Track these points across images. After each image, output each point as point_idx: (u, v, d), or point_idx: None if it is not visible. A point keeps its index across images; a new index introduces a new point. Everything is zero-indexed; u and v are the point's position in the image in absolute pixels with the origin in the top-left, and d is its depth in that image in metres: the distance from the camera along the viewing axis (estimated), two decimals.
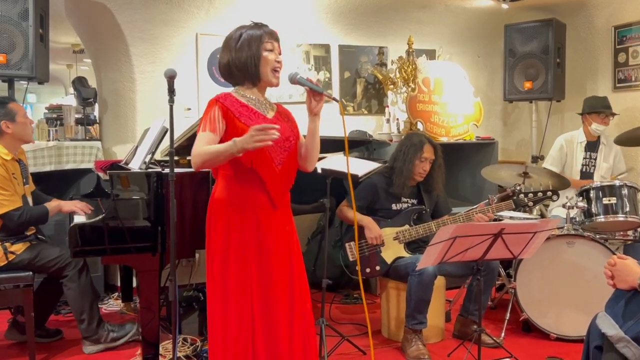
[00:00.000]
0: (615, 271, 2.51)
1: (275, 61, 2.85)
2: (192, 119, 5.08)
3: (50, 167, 5.08)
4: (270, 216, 2.84)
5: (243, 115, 2.79)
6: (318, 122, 2.90)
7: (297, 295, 2.91)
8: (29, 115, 4.21)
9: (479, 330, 3.62)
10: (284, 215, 2.91)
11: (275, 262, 2.84)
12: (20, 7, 4.41)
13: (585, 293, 4.10)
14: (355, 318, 4.74)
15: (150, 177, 3.50)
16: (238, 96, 2.86)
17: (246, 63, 2.82)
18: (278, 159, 2.82)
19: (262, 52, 2.81)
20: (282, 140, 2.81)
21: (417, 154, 4.23)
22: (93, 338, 4.03)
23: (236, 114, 2.78)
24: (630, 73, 5.86)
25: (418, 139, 4.31)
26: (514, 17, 6.38)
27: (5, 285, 3.78)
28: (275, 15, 5.71)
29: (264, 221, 2.82)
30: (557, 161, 5.28)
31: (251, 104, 2.85)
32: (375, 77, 6.30)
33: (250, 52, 2.81)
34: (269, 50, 2.83)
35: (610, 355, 2.34)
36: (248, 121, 2.77)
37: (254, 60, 2.81)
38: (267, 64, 2.83)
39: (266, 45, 2.82)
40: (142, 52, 5.47)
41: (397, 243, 4.19)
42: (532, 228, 3.42)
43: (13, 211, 3.81)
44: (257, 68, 2.83)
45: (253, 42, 2.81)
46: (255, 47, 2.81)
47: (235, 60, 2.84)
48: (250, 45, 2.81)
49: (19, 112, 4.03)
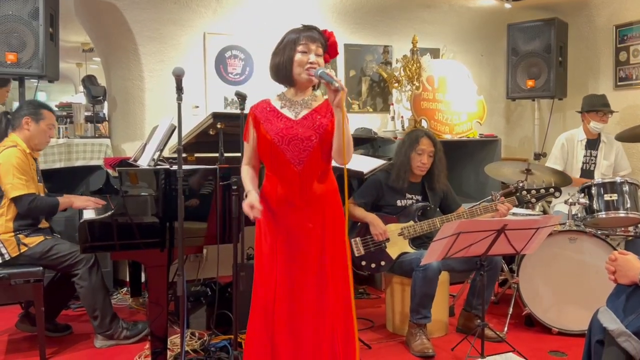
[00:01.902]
0: (616, 266, 2.52)
1: (308, 62, 2.83)
2: (199, 116, 5.07)
3: (60, 164, 5.12)
4: (298, 215, 2.90)
5: (266, 120, 2.89)
6: (340, 115, 2.77)
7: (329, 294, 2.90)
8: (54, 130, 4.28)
9: (483, 324, 3.68)
10: (312, 213, 2.92)
11: (300, 261, 2.89)
12: (31, 6, 4.44)
13: (586, 288, 4.12)
14: (361, 312, 4.74)
15: (159, 174, 3.52)
16: (276, 99, 2.95)
17: (279, 66, 2.89)
18: (297, 159, 2.85)
19: (294, 54, 2.84)
20: (302, 141, 2.85)
21: (414, 146, 4.25)
22: (106, 333, 4.05)
23: (261, 120, 2.90)
24: (631, 71, 5.88)
25: (415, 133, 4.34)
26: (516, 17, 6.40)
27: (16, 280, 3.80)
28: (282, 14, 5.77)
29: (291, 220, 2.90)
30: (560, 159, 5.30)
31: (283, 106, 2.92)
32: (380, 75, 6.34)
33: (284, 57, 2.86)
34: (302, 52, 2.83)
35: (611, 349, 2.36)
36: (267, 125, 2.89)
37: (285, 64, 2.86)
38: (298, 65, 2.84)
39: (299, 48, 2.83)
40: (151, 51, 5.51)
41: (402, 239, 4.22)
42: (534, 224, 3.47)
43: (27, 195, 3.87)
44: (288, 71, 2.87)
45: (288, 45, 2.86)
46: (288, 50, 2.85)
47: (273, 64, 2.93)
48: (285, 49, 2.87)
49: (47, 120, 4.11)
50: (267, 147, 2.88)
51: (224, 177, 3.61)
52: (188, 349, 3.93)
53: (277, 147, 2.85)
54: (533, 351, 3.93)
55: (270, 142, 2.86)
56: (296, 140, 2.85)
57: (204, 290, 4.66)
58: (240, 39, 5.78)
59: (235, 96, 3.50)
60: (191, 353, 3.90)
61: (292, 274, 2.89)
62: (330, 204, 2.97)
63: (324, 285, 2.90)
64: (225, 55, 5.72)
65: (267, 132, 2.87)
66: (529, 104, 6.83)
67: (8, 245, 3.88)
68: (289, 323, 2.89)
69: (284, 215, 2.91)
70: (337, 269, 2.94)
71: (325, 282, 2.90)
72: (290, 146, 2.85)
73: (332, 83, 2.72)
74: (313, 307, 2.90)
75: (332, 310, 2.90)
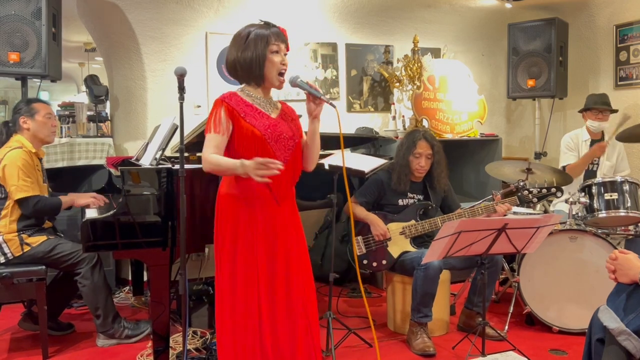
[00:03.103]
0: (616, 265, 2.52)
1: (281, 64, 2.84)
2: (201, 116, 5.14)
3: (62, 164, 5.14)
4: (275, 211, 2.86)
5: (248, 114, 2.81)
6: (318, 124, 2.92)
7: (299, 289, 2.92)
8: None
9: (483, 323, 3.70)
10: (287, 210, 2.93)
11: (279, 256, 2.87)
12: (34, 6, 4.45)
13: (587, 287, 4.13)
14: (362, 311, 4.79)
15: (161, 173, 3.52)
16: (243, 95, 2.88)
17: (251, 63, 2.82)
18: (282, 157, 2.83)
19: (267, 53, 2.81)
20: (287, 139, 2.87)
21: (411, 149, 4.28)
22: (108, 332, 4.07)
23: (241, 114, 2.80)
24: (632, 71, 5.90)
25: (413, 135, 4.34)
26: (517, 16, 6.41)
27: (19, 279, 3.82)
28: (284, 14, 5.76)
29: (269, 216, 2.85)
30: (574, 151, 5.23)
31: (256, 104, 2.87)
32: (382, 75, 6.36)
33: (256, 53, 2.80)
34: (275, 52, 2.82)
35: (611, 347, 2.38)
36: (253, 120, 2.80)
37: (259, 61, 2.81)
38: (272, 66, 2.82)
39: (272, 47, 2.81)
40: (153, 51, 5.53)
41: (404, 238, 4.24)
42: (535, 223, 3.47)
43: (32, 197, 3.89)
44: (261, 69, 2.83)
45: (259, 42, 2.80)
46: (261, 48, 2.80)
47: (240, 59, 2.84)
48: (256, 45, 2.80)
49: (41, 110, 4.11)
50: (254, 142, 2.80)
51: None
52: (190, 348, 3.94)
53: (266, 143, 2.81)
54: (534, 350, 3.94)
55: (259, 138, 2.80)
56: (282, 138, 2.85)
57: (206, 289, 4.67)
58: None
59: None
60: (193, 351, 3.92)
61: (271, 270, 2.86)
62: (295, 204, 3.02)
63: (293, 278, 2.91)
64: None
65: (255, 127, 2.80)
66: (530, 104, 6.85)
67: (11, 245, 3.90)
68: (271, 320, 2.86)
69: (262, 211, 2.85)
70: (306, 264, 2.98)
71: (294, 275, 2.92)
72: (277, 144, 2.83)
73: (319, 96, 2.82)
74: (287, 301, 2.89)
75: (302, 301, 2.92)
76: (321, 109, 2.88)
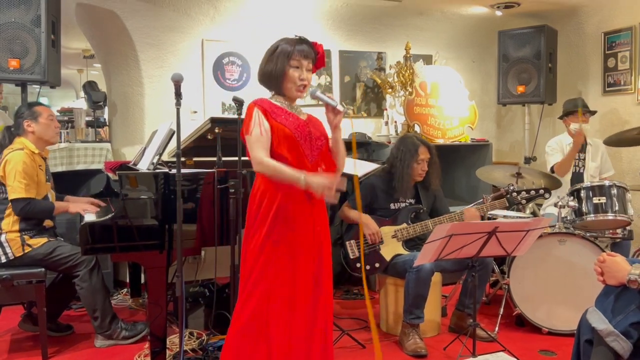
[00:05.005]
0: (604, 268, 2.53)
1: (299, 79, 2.89)
2: (197, 121, 5.17)
3: (62, 168, 5.17)
4: (306, 211, 2.88)
5: (279, 116, 2.87)
6: (339, 133, 3.00)
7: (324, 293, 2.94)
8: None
9: (474, 324, 3.73)
10: (319, 213, 2.96)
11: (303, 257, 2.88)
12: (33, 14, 4.47)
13: (576, 289, 4.17)
14: (355, 313, 4.82)
15: (158, 178, 3.55)
16: (273, 100, 2.95)
17: (270, 76, 2.91)
18: (311, 155, 2.90)
19: (287, 68, 2.86)
20: (315, 139, 2.94)
21: (414, 157, 4.30)
22: (106, 333, 4.10)
23: (273, 115, 2.85)
24: (619, 77, 5.95)
25: (412, 143, 4.36)
26: (507, 24, 6.47)
27: (19, 281, 3.85)
28: (278, 22, 5.84)
29: (300, 215, 2.86)
30: (558, 152, 5.26)
31: (285, 107, 2.94)
32: (374, 81, 6.42)
33: (276, 67, 2.87)
34: (295, 67, 2.87)
35: (600, 348, 2.40)
36: (284, 121, 2.87)
37: (277, 76, 2.88)
38: (290, 81, 2.89)
39: (292, 62, 2.86)
40: (150, 57, 5.58)
41: (396, 241, 4.28)
42: (524, 226, 3.51)
43: (22, 199, 3.92)
44: (279, 83, 2.90)
45: (281, 56, 2.87)
46: (281, 63, 2.86)
47: (264, 71, 2.94)
48: (277, 59, 2.87)
49: (43, 113, 4.16)
50: (286, 141, 2.85)
51: (221, 180, 3.64)
52: (187, 349, 3.97)
53: (297, 141, 2.86)
54: (523, 350, 3.97)
55: (290, 136, 2.85)
56: (310, 138, 2.91)
57: (202, 291, 4.71)
58: (238, 46, 5.84)
59: (232, 101, 3.52)
60: (190, 352, 3.94)
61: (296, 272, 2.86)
62: (324, 206, 3.03)
63: (320, 283, 2.93)
64: (222, 61, 5.80)
65: (286, 126, 2.85)
66: (520, 109, 6.88)
67: (13, 245, 3.94)
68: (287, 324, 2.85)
69: (300, 214, 2.87)
70: (328, 267, 2.99)
71: (321, 279, 2.93)
72: (306, 142, 2.89)
73: (335, 106, 2.90)
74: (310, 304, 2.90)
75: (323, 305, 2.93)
76: (341, 119, 2.95)
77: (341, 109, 2.92)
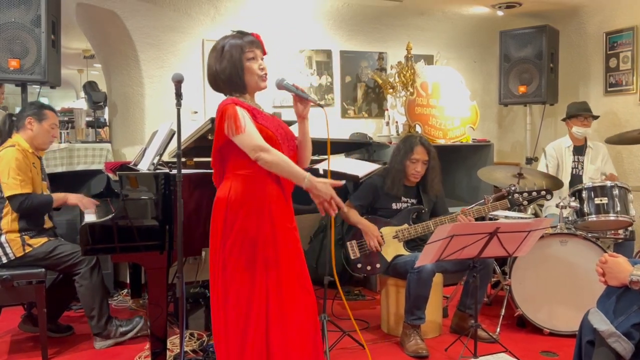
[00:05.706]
0: (606, 268, 2.53)
1: (260, 69, 2.85)
2: (198, 122, 5.18)
3: (62, 168, 5.17)
4: (283, 211, 2.85)
5: (257, 117, 2.81)
6: (307, 124, 2.97)
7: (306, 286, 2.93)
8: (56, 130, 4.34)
9: (475, 325, 3.73)
10: (291, 211, 2.95)
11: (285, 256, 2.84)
12: (33, 14, 4.46)
13: (577, 290, 4.17)
14: (356, 314, 4.78)
15: (158, 178, 3.54)
16: (242, 100, 2.85)
17: (230, 75, 2.83)
18: (288, 156, 2.82)
19: (244, 62, 2.82)
20: (290, 140, 2.92)
21: (408, 155, 4.31)
22: (103, 334, 4.11)
23: (254, 117, 2.79)
24: (621, 78, 5.94)
25: (410, 141, 4.37)
26: (508, 24, 6.45)
27: (19, 281, 3.85)
28: (279, 22, 5.84)
29: (277, 216, 2.82)
30: (551, 163, 5.34)
31: (256, 107, 2.89)
32: (375, 81, 6.42)
33: (233, 64, 2.81)
34: (251, 59, 2.83)
35: (601, 349, 2.39)
36: (265, 122, 2.81)
37: (237, 71, 2.82)
38: (251, 73, 2.84)
39: (248, 55, 2.82)
40: (150, 58, 5.57)
41: (397, 241, 4.28)
42: (526, 227, 3.50)
43: (19, 195, 3.91)
44: (241, 79, 2.84)
45: (234, 52, 2.81)
46: (237, 58, 2.81)
47: (219, 71, 2.84)
48: (232, 55, 2.81)
49: (50, 120, 4.17)
50: (269, 142, 2.75)
51: None
52: (187, 349, 3.97)
53: (278, 143, 2.81)
54: (525, 351, 3.97)
55: (272, 137, 2.79)
56: (287, 139, 2.89)
57: (203, 292, 4.69)
58: None
59: None
60: (190, 353, 3.95)
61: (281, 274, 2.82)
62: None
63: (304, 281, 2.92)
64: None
65: (268, 127, 2.80)
66: (521, 110, 6.87)
67: (13, 245, 3.94)
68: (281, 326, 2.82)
69: (277, 215, 2.83)
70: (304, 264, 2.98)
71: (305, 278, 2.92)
72: (285, 144, 2.86)
73: (304, 97, 2.88)
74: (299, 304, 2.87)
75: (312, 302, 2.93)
76: (309, 110, 2.95)
77: (310, 99, 2.91)
